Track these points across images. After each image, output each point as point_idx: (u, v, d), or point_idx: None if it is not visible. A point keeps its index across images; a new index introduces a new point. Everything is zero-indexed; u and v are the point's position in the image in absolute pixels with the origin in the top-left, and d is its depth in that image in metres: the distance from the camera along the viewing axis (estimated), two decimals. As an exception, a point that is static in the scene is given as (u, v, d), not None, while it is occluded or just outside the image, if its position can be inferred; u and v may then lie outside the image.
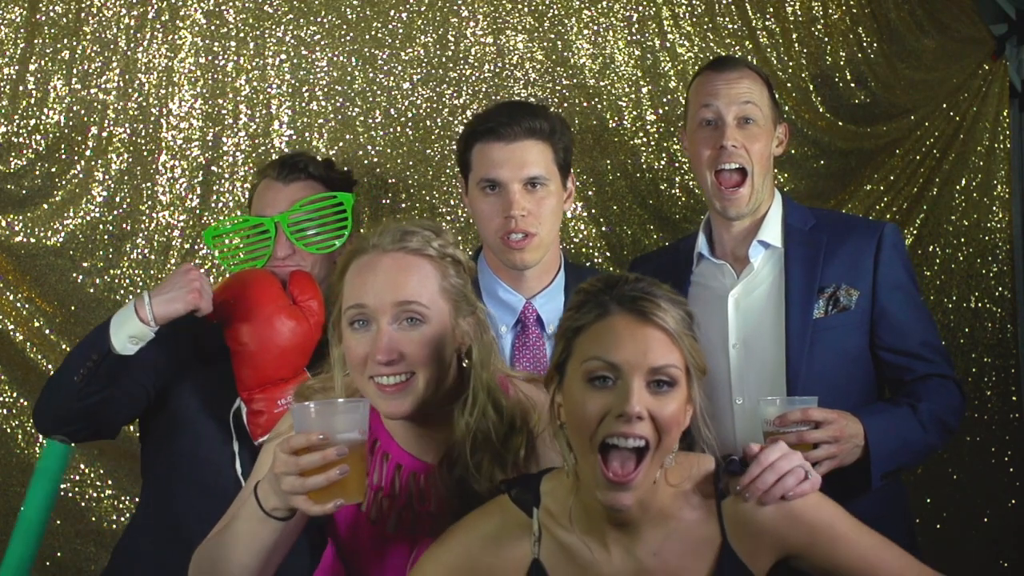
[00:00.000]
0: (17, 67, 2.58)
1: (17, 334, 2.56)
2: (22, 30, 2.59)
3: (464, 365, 1.67)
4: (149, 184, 2.65)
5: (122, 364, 1.96)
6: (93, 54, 2.63)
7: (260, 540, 1.52)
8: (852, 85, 3.09)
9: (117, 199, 2.63)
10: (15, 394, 2.57)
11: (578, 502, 1.47)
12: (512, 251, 2.14)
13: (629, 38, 2.95)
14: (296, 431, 1.46)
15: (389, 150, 2.79)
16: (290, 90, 2.74)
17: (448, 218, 2.82)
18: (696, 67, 2.69)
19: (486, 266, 2.24)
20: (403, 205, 2.78)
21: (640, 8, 2.95)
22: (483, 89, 2.83)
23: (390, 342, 1.58)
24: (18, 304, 2.58)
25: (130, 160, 2.65)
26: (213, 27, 2.69)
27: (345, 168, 2.36)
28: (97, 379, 1.95)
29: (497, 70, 2.86)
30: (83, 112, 2.62)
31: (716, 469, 1.51)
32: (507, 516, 1.51)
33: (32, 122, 2.59)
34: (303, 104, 2.74)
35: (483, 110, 2.41)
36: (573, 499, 1.47)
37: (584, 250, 2.92)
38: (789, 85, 3.05)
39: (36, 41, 2.59)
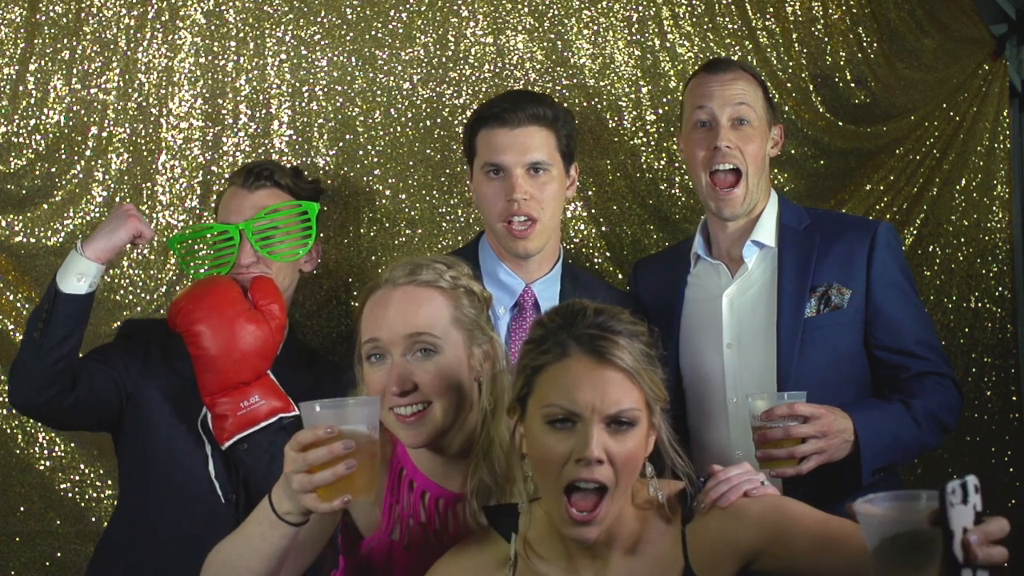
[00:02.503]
0: (17, 67, 2.59)
1: (17, 334, 2.56)
2: (22, 30, 2.59)
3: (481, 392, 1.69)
4: (149, 184, 2.65)
5: (75, 305, 1.99)
6: (93, 54, 2.63)
7: (271, 545, 1.52)
8: (852, 85, 3.09)
9: (117, 199, 2.63)
10: (15, 394, 2.57)
11: (550, 531, 1.50)
12: (515, 239, 2.20)
13: (629, 38, 2.94)
14: (305, 427, 1.47)
15: (389, 150, 2.79)
16: (290, 90, 2.74)
17: (448, 218, 2.82)
18: (696, 67, 2.69)
19: (489, 249, 2.31)
20: (403, 206, 2.78)
21: (640, 8, 2.95)
22: (483, 89, 2.83)
23: (402, 373, 1.62)
24: (18, 304, 2.58)
25: (130, 160, 2.65)
26: (213, 27, 2.69)
27: (313, 180, 2.36)
28: (54, 327, 1.98)
29: (497, 70, 2.86)
30: (83, 112, 2.62)
31: (684, 493, 1.52)
32: (488, 543, 1.55)
33: (32, 122, 2.59)
34: (303, 104, 2.74)
35: (489, 99, 2.45)
36: (545, 528, 1.50)
37: (584, 250, 2.91)
38: (789, 85, 3.04)
39: (36, 41, 2.59)
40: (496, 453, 1.66)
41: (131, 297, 2.64)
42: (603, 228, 2.93)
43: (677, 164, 2.92)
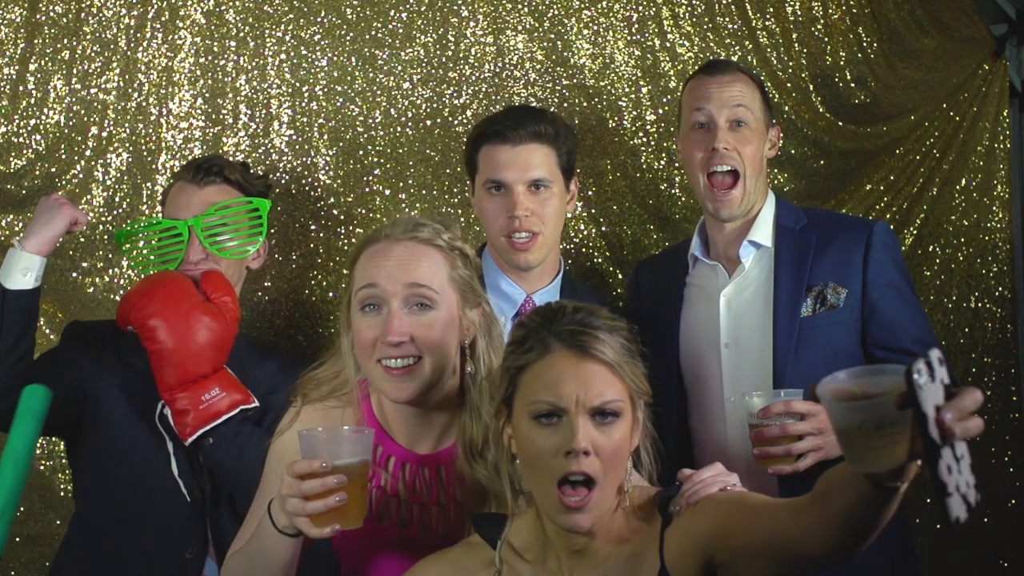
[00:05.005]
0: (17, 67, 2.58)
1: (17, 334, 2.56)
2: (22, 30, 2.59)
3: (469, 356, 1.73)
4: (149, 184, 2.64)
5: (23, 302, 2.01)
6: (93, 54, 2.63)
7: (281, 554, 1.58)
8: (852, 85, 3.09)
9: (117, 199, 2.63)
10: (15, 394, 2.57)
11: (536, 536, 1.53)
12: (516, 252, 2.24)
13: (629, 38, 2.95)
14: (302, 456, 1.53)
15: (389, 150, 2.79)
16: (290, 90, 2.74)
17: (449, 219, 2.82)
18: (696, 67, 2.69)
19: (491, 260, 2.34)
20: (403, 206, 2.78)
21: (640, 8, 2.95)
22: (483, 89, 2.84)
23: (400, 324, 1.64)
24: (18, 304, 2.58)
25: (130, 160, 2.65)
26: (213, 27, 2.69)
27: (261, 173, 2.35)
28: (8, 327, 1.99)
29: (497, 70, 2.86)
30: (83, 112, 2.62)
31: (664, 497, 1.53)
32: (472, 548, 1.57)
33: (32, 122, 2.59)
34: (303, 104, 2.74)
35: (490, 114, 2.48)
36: (532, 534, 1.53)
37: (584, 250, 2.92)
38: (789, 85, 3.05)
39: (36, 41, 2.59)
40: (487, 407, 1.68)
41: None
42: (603, 228, 2.93)
43: (677, 164, 2.92)
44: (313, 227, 2.74)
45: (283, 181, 2.72)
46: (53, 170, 2.61)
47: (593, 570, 1.50)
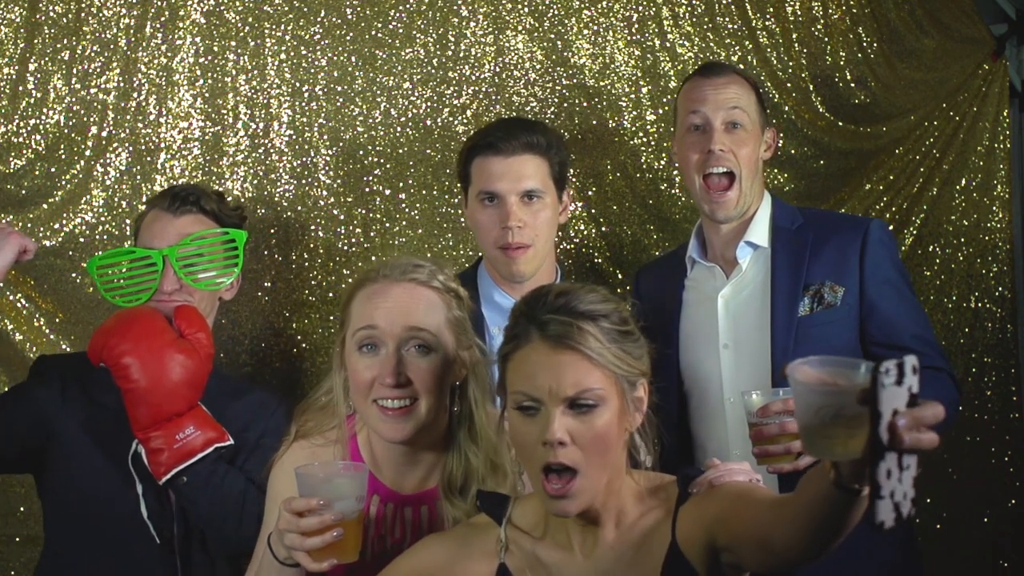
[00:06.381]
0: (17, 67, 2.58)
1: (17, 334, 2.56)
2: (22, 30, 2.58)
3: (458, 396, 1.75)
4: (149, 184, 2.64)
5: None
6: (93, 54, 2.62)
7: None
8: (852, 85, 3.09)
9: (117, 199, 2.63)
10: (15, 394, 2.57)
11: (543, 512, 1.54)
12: (509, 261, 2.25)
13: (629, 38, 2.95)
14: (299, 494, 1.57)
15: (389, 150, 2.79)
16: (290, 90, 2.74)
17: (448, 218, 2.82)
18: (696, 67, 2.69)
19: (486, 274, 2.37)
20: (403, 206, 2.78)
21: (640, 8, 2.95)
22: (483, 89, 2.84)
23: (399, 366, 1.66)
24: (18, 304, 2.58)
25: (130, 160, 2.64)
26: (213, 27, 2.69)
27: (237, 204, 2.30)
28: None
29: (497, 70, 2.86)
30: (83, 112, 2.61)
31: (678, 481, 1.53)
32: (476, 528, 1.59)
33: (32, 122, 2.59)
34: (303, 104, 2.74)
35: (483, 126, 2.50)
36: (539, 511, 1.55)
37: (584, 250, 2.92)
38: (789, 85, 3.05)
39: (36, 41, 2.59)
40: (482, 444, 1.71)
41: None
42: (603, 228, 2.93)
43: (677, 164, 2.92)
44: (313, 227, 2.74)
45: (283, 181, 2.72)
46: (53, 170, 2.61)
47: (603, 547, 1.51)
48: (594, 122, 2.92)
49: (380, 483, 1.76)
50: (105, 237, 2.61)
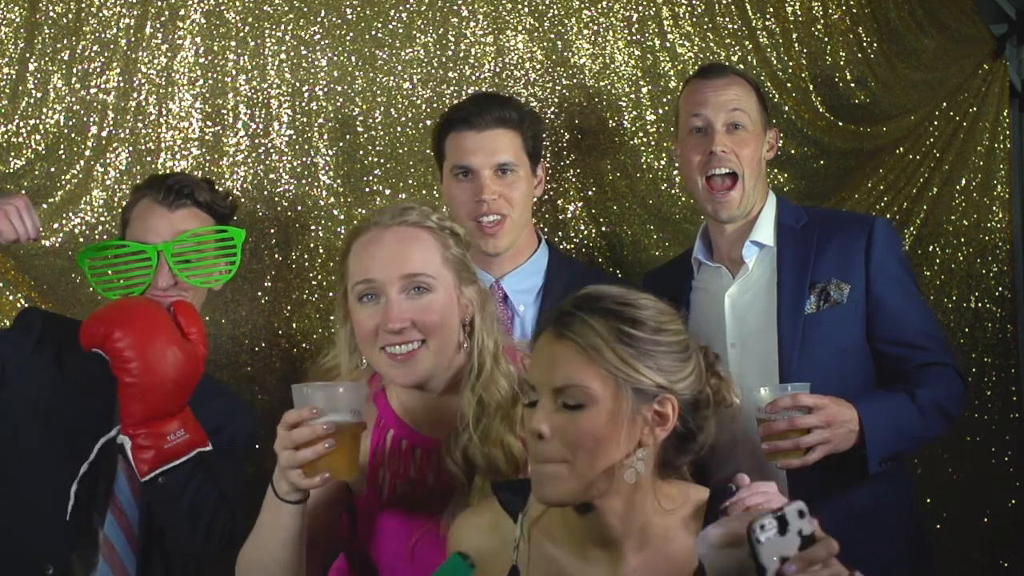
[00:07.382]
0: (17, 67, 2.58)
1: (17, 334, 2.56)
2: (22, 30, 2.58)
3: (468, 334, 1.74)
4: (149, 184, 2.64)
5: None
6: (93, 54, 2.62)
7: (283, 528, 1.58)
8: (852, 85, 3.09)
9: (117, 199, 2.62)
10: (15, 394, 2.57)
11: (564, 513, 1.46)
12: (485, 237, 2.26)
13: (629, 38, 2.95)
14: (295, 408, 1.54)
15: (389, 150, 2.79)
16: (290, 90, 2.74)
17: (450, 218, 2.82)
18: (696, 67, 2.69)
19: None
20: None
21: (640, 8, 2.95)
22: (483, 89, 2.83)
23: (400, 311, 1.66)
24: (18, 304, 2.58)
25: (130, 160, 2.64)
26: (213, 27, 2.69)
27: (227, 195, 2.25)
28: None
29: (497, 70, 2.86)
30: (83, 112, 2.62)
31: (709, 499, 1.48)
32: (499, 515, 1.54)
33: (32, 122, 2.59)
34: (303, 104, 2.74)
35: (456, 102, 2.51)
36: (560, 511, 1.46)
37: (584, 250, 2.92)
38: (789, 85, 3.05)
39: (36, 41, 2.59)
40: (489, 369, 1.70)
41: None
42: (603, 228, 2.93)
43: (677, 164, 2.92)
44: (313, 227, 2.74)
45: (283, 181, 2.72)
46: (53, 170, 2.61)
47: (626, 564, 1.44)
48: (594, 122, 2.92)
49: (408, 428, 1.75)
50: (105, 237, 2.61)
